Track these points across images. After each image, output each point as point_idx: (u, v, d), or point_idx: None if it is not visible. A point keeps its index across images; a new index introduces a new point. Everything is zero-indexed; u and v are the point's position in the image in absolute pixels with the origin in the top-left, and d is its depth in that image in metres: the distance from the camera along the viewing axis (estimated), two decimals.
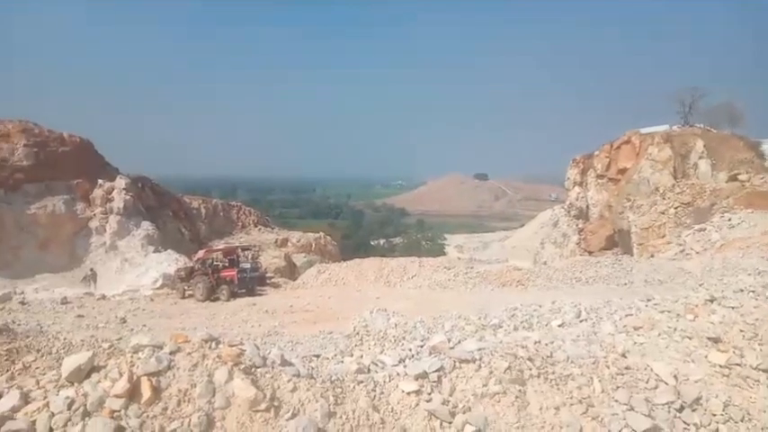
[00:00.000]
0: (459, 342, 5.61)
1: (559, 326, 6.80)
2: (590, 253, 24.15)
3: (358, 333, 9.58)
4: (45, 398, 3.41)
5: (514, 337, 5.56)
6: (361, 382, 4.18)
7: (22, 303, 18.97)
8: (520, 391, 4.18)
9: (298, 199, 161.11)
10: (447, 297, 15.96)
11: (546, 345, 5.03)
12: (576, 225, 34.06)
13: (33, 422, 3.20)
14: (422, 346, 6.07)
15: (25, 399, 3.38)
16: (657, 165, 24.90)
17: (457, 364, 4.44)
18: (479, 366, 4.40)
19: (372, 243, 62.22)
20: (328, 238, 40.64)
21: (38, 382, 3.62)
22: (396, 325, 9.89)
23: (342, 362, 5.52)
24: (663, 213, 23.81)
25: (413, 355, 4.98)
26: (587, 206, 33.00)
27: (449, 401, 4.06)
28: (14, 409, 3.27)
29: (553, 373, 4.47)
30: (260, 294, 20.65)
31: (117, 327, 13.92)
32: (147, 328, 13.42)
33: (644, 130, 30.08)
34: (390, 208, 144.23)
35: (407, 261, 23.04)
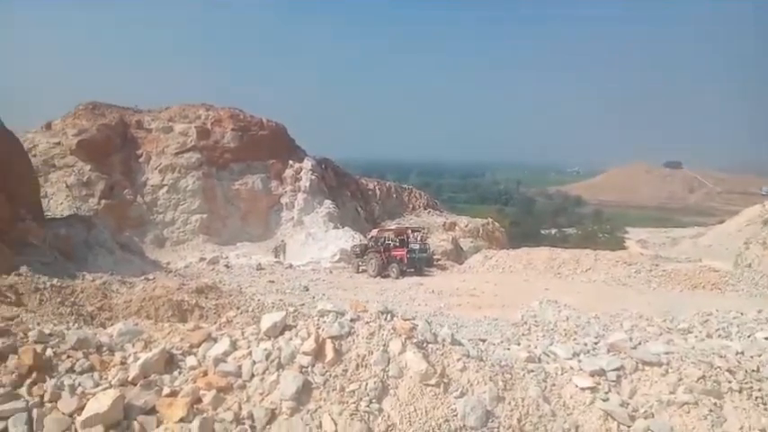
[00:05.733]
0: (641, 343, 5.15)
1: (767, 338, 5.87)
2: None
3: (526, 322, 9.32)
4: (248, 347, 3.92)
5: (710, 345, 4.93)
6: (532, 371, 4.08)
7: (227, 266, 22.00)
8: (715, 404, 3.71)
9: (467, 183, 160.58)
10: (625, 294, 14.72)
11: (751, 357, 4.38)
12: None
13: (239, 366, 3.71)
14: (597, 343, 5.71)
15: (234, 346, 3.93)
16: None
17: (639, 365, 4.09)
18: (666, 371, 4.00)
19: (543, 232, 59.49)
20: (496, 224, 39.97)
21: (242, 333, 4.17)
22: (567, 318, 9.44)
23: (508, 349, 5.43)
24: None
25: (588, 351, 4.69)
26: None
27: (628, 404, 3.77)
28: (226, 354, 3.83)
29: (759, 390, 3.88)
30: (427, 275, 21.16)
31: (301, 294, 15.39)
32: (326, 297, 14.63)
33: None
34: (564, 196, 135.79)
35: (581, 253, 21.71)
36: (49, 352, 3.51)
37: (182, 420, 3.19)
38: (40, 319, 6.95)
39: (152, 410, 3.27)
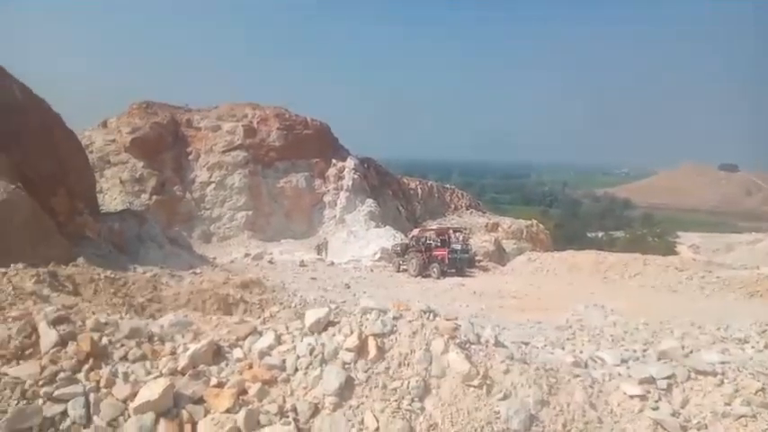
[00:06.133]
0: (693, 351, 4.95)
1: None
2: None
3: (571, 326, 9.13)
4: (293, 342, 3.99)
5: None
6: (578, 375, 3.98)
7: (271, 262, 22.42)
8: None
9: (510, 184, 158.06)
10: (676, 301, 14.17)
11: None
12: None
13: (284, 360, 3.78)
14: (646, 350, 5.53)
15: (278, 340, 4.00)
16: None
17: (692, 374, 3.94)
18: (722, 381, 3.83)
19: (589, 235, 57.93)
20: (540, 226, 39.15)
21: (287, 328, 4.23)
22: (614, 323, 9.19)
23: (552, 353, 5.33)
24: None
25: (637, 358, 4.55)
26: None
27: (679, 414, 3.63)
28: (270, 347, 3.90)
29: None
30: (469, 276, 20.97)
31: (342, 291, 15.51)
32: (367, 295, 14.70)
33: None
34: (612, 198, 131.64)
35: (630, 257, 21.05)
36: (104, 340, 3.67)
37: (228, 411, 3.28)
38: (96, 308, 7.26)
39: (200, 400, 3.37)
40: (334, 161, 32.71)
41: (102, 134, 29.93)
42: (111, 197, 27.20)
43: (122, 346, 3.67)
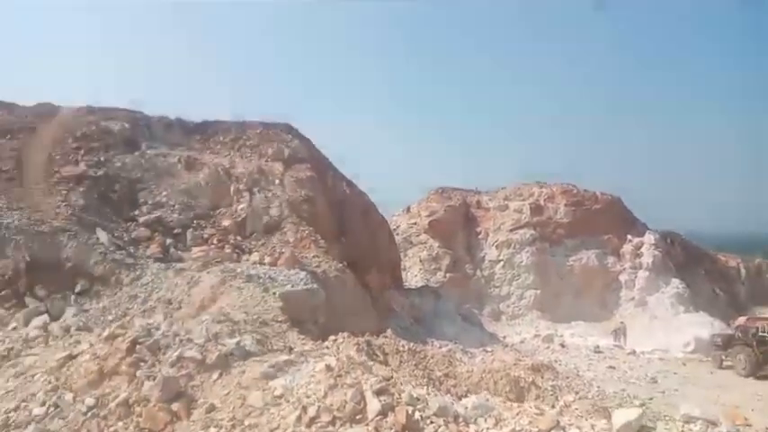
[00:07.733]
0: None
1: None
2: None
3: None
4: None
5: None
6: None
7: (562, 345, 21.41)
8: None
9: None
10: None
11: None
12: None
13: None
14: None
15: None
16: None
17: None
18: None
19: None
20: None
21: (592, 427, 3.89)
22: None
23: None
24: None
25: None
26: None
27: None
28: None
29: None
30: None
31: (647, 386, 13.75)
32: (680, 393, 12.62)
33: None
34: None
35: None
36: (417, 415, 3.97)
37: None
38: (402, 379, 7.99)
39: None
40: (629, 237, 30.20)
41: (406, 218, 34.13)
42: (413, 274, 30.25)
43: (432, 423, 3.92)
